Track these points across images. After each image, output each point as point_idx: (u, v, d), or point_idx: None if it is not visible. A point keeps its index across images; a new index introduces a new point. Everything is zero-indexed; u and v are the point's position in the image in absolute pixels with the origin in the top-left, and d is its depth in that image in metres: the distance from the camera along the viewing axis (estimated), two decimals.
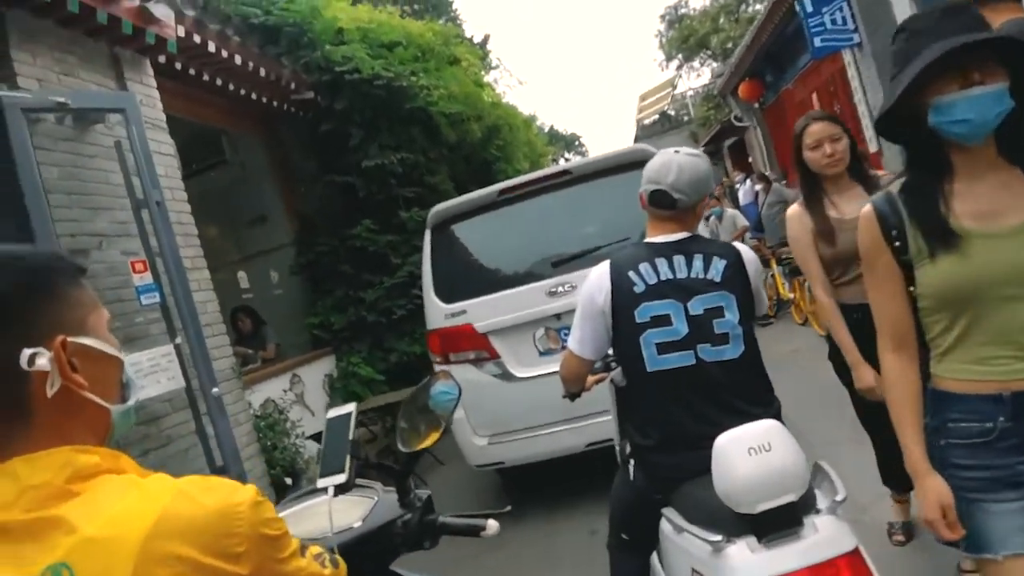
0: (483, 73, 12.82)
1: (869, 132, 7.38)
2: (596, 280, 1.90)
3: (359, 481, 1.31)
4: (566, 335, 3.94)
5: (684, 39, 24.04)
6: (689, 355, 1.77)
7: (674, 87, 26.72)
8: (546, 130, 36.04)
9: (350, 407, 1.24)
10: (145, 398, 3.27)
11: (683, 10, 24.87)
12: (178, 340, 3.45)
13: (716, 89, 14.62)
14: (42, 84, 3.28)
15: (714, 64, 22.12)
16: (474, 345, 4.03)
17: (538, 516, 4.02)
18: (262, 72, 5.63)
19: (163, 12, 3.95)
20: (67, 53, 3.50)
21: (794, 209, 2.53)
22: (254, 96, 5.91)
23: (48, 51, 3.38)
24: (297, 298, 6.70)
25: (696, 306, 1.79)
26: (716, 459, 1.48)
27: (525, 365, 3.97)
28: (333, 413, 1.26)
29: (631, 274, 1.82)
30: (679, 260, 1.83)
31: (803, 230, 2.45)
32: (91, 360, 0.80)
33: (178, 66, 4.75)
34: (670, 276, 1.81)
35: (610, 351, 2.00)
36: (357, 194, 6.42)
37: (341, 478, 1.17)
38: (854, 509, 2.86)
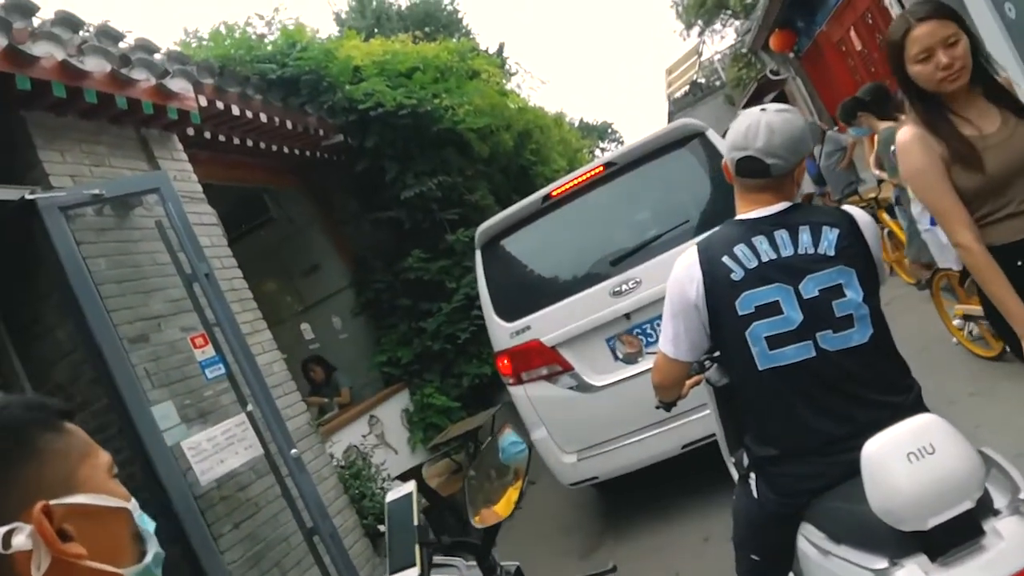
0: (505, 81, 12.68)
1: None
2: (684, 271, 1.65)
3: (438, 560, 1.13)
4: (639, 334, 3.72)
5: (701, 3, 23.27)
6: (808, 346, 1.51)
7: (700, 54, 25.91)
8: (576, 124, 35.72)
9: (409, 487, 1.06)
10: (227, 471, 3.22)
11: None
12: (249, 407, 3.38)
13: (745, 47, 14.00)
14: (75, 180, 3.28)
15: (737, 23, 21.31)
16: (545, 360, 3.82)
17: (645, 526, 3.77)
18: (289, 125, 5.62)
19: (181, 85, 3.94)
20: (95, 144, 3.51)
21: (909, 131, 1.85)
22: (286, 150, 5.92)
23: (75, 145, 3.38)
24: (362, 339, 6.66)
25: (810, 287, 1.52)
26: (869, 471, 1.23)
27: (602, 373, 3.74)
28: (392, 496, 1.09)
29: (726, 259, 1.58)
30: (782, 236, 1.57)
31: (930, 157, 1.78)
32: (90, 519, 0.65)
33: (206, 135, 4.76)
34: (773, 256, 1.56)
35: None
36: (403, 226, 6.34)
37: (413, 572, 0.99)
38: None
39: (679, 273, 1.67)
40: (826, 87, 11.69)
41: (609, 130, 39.52)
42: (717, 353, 1.77)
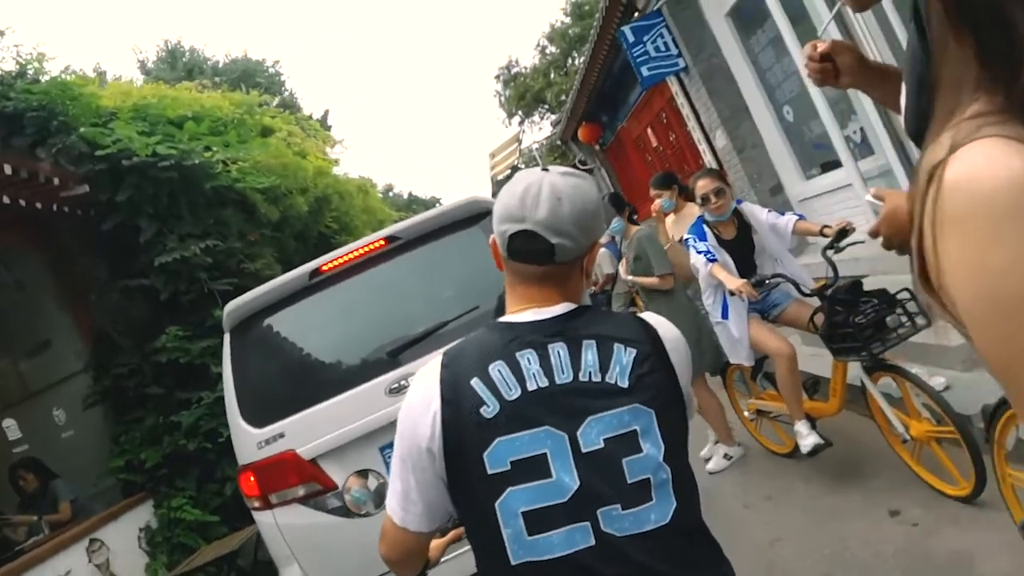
0: (329, 147, 11.85)
1: (707, 157, 7.23)
2: (418, 396, 1.08)
3: None
4: None
5: (521, 96, 24.53)
6: (584, 530, 0.99)
7: (519, 142, 27.08)
8: (405, 196, 35.53)
9: None
10: None
11: (515, 69, 25.46)
12: None
13: (557, 138, 14.59)
14: None
15: (552, 116, 22.63)
16: (302, 477, 2.98)
17: None
18: (8, 170, 4.39)
19: None
20: None
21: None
22: (6, 200, 4.62)
23: None
24: (95, 437, 5.24)
25: (592, 435, 1.01)
26: None
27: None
28: None
29: (476, 384, 1.03)
30: (559, 352, 1.05)
31: None
32: None
33: None
34: (544, 383, 1.03)
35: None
36: (159, 297, 5.19)
37: None
38: None
39: (412, 398, 1.09)
40: (628, 178, 12.38)
41: (437, 204, 39.84)
42: None
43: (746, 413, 3.94)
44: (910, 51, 1.11)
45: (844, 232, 3.02)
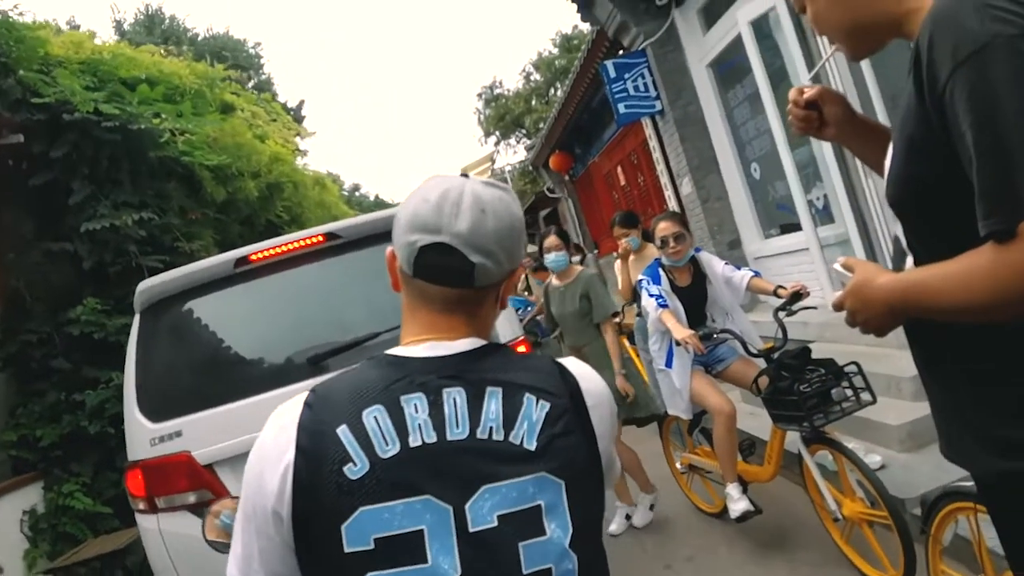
0: (299, 136, 11.46)
1: (672, 202, 7.19)
2: (271, 440, 0.83)
3: None
4: None
5: (500, 117, 24.53)
6: None
7: (493, 161, 27.01)
8: (372, 198, 34.99)
9: None
10: None
11: (498, 90, 25.49)
12: None
13: (530, 163, 14.52)
14: None
15: (528, 141, 22.66)
16: (194, 483, 2.67)
17: None
18: None
19: None
20: None
21: None
22: None
23: None
24: None
25: (483, 510, 0.79)
26: None
27: None
28: None
29: (344, 433, 0.79)
30: (455, 400, 0.82)
31: None
32: None
33: None
34: (431, 438, 0.80)
35: None
36: (81, 264, 4.78)
37: None
38: None
39: (263, 442, 0.84)
40: (593, 213, 12.34)
41: None
42: None
43: (679, 466, 3.79)
44: (904, 110, 0.97)
45: (798, 296, 2.92)
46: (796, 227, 4.89)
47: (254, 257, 2.86)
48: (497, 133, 25.79)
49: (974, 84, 0.81)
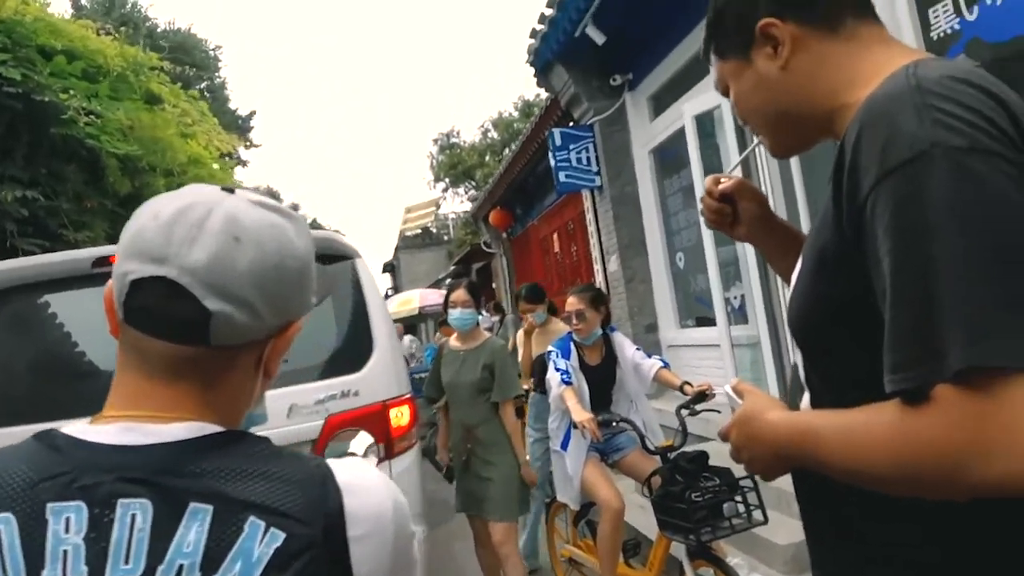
0: (239, 145, 10.90)
1: (600, 277, 7.14)
2: None
3: None
4: None
5: (453, 165, 24.61)
6: None
7: (438, 206, 26.94)
8: (308, 220, 34.06)
9: None
10: None
11: (455, 139, 25.66)
12: None
13: (472, 213, 14.42)
14: None
15: (475, 193, 22.73)
16: None
17: None
18: None
19: None
20: None
21: None
22: None
23: None
24: None
25: None
26: None
27: None
28: None
29: None
30: (134, 518, 0.52)
31: None
32: None
33: None
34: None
35: None
36: None
37: None
38: None
39: None
40: (525, 274, 12.25)
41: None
42: None
43: (560, 557, 3.50)
44: (821, 218, 0.75)
45: (703, 395, 2.77)
46: (711, 322, 4.85)
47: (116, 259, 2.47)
48: (447, 180, 25.81)
49: (901, 201, 0.61)
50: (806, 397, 0.85)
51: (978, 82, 0.66)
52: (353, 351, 2.45)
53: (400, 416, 2.43)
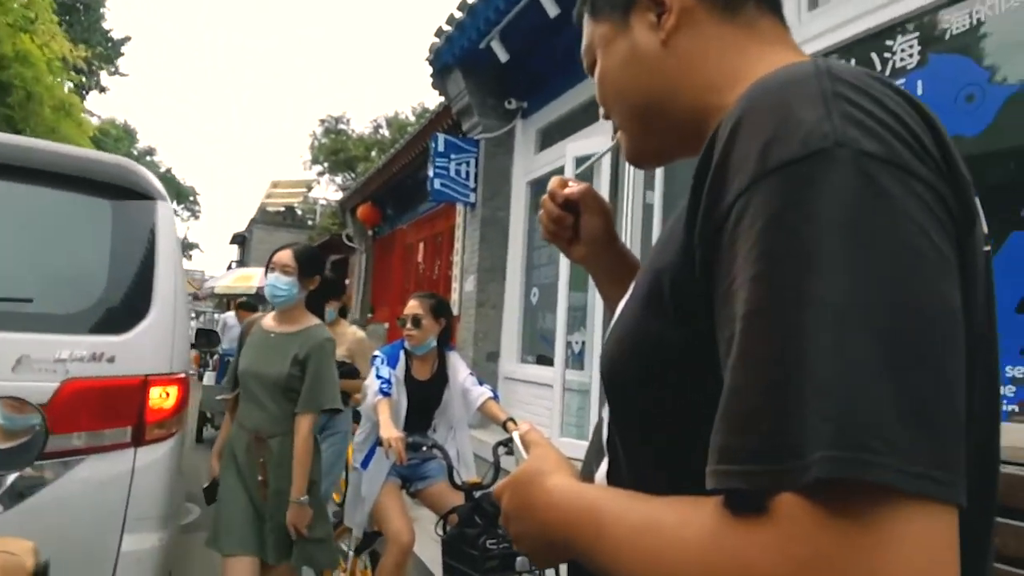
0: (83, 56, 9.46)
1: (456, 295, 6.92)
2: None
3: None
4: None
5: (335, 151, 23.45)
6: None
7: (309, 188, 25.52)
8: (163, 169, 30.80)
9: None
10: None
11: (343, 125, 24.55)
12: None
13: (340, 203, 13.68)
14: None
15: (353, 185, 21.84)
16: None
17: None
18: None
19: None
20: None
21: None
22: None
23: None
24: None
25: None
26: None
27: None
28: None
29: None
30: None
31: None
32: None
33: None
34: None
35: None
36: None
37: None
38: None
39: None
40: (383, 277, 11.73)
41: (192, 197, 35.08)
42: None
43: None
44: (666, 233, 0.58)
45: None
46: (550, 362, 4.77)
47: None
48: (325, 165, 24.53)
49: (778, 213, 0.41)
50: (603, 466, 0.64)
51: (902, 90, 0.49)
52: (123, 309, 1.97)
53: (163, 397, 1.97)
